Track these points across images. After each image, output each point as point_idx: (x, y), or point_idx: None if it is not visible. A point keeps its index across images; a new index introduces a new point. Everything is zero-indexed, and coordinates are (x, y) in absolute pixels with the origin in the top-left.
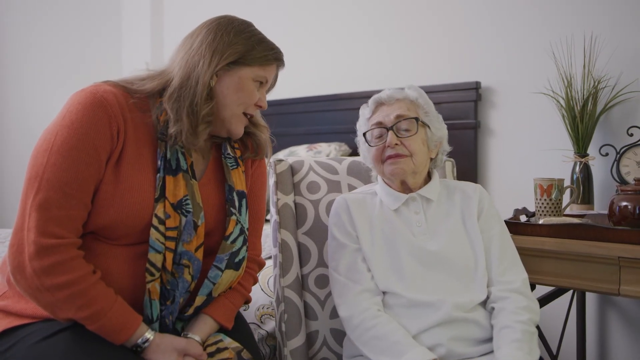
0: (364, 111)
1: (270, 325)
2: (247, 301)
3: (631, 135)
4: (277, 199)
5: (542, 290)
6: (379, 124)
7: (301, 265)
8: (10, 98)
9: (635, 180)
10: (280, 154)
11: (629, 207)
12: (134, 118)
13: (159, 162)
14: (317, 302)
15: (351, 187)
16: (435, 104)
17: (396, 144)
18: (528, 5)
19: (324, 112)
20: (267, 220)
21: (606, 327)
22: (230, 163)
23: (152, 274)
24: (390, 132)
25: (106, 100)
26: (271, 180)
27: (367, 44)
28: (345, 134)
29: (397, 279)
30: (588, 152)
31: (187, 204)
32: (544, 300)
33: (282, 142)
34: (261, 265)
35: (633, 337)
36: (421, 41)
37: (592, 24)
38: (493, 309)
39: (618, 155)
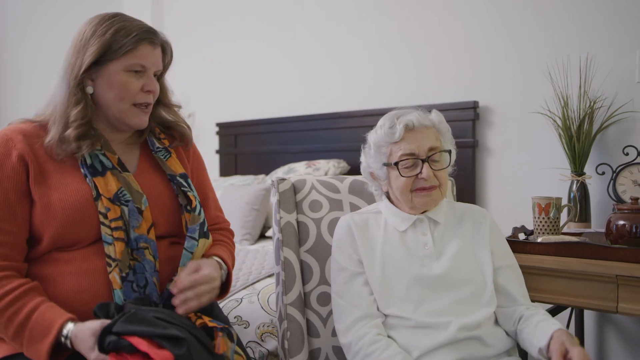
0: (389, 131)
1: (271, 343)
2: (229, 272)
3: (627, 154)
4: (280, 217)
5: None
6: (412, 155)
7: (303, 283)
8: (8, 99)
9: (631, 199)
10: (279, 171)
11: (626, 225)
12: (41, 141)
13: (82, 169)
14: (319, 320)
15: (353, 206)
16: None
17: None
18: (525, 27)
19: (322, 130)
20: (269, 237)
21: (604, 344)
22: (162, 155)
23: (109, 265)
24: (426, 165)
25: (6, 136)
26: (274, 199)
27: (366, 62)
28: (343, 152)
29: (402, 302)
30: (585, 170)
31: (124, 195)
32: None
33: (281, 159)
34: (232, 234)
35: (631, 355)
36: (420, 61)
37: (587, 46)
38: (521, 317)
39: (614, 174)
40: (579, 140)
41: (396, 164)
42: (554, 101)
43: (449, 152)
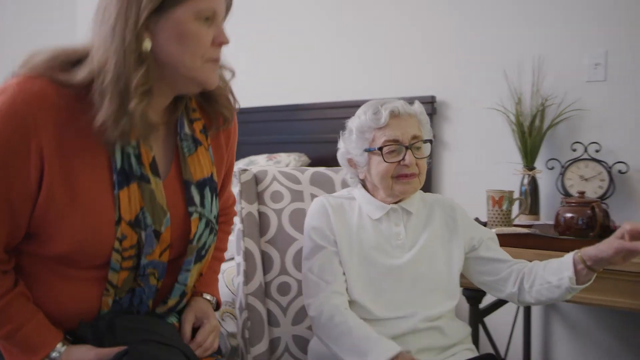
0: (374, 117)
1: (229, 324)
2: (218, 304)
3: (574, 150)
4: (242, 208)
5: (492, 297)
6: (396, 142)
7: (264, 273)
8: None
9: (578, 193)
10: (240, 163)
11: (574, 218)
12: (74, 120)
13: (114, 176)
14: (279, 309)
15: (314, 197)
16: None
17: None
18: (483, 27)
19: (283, 121)
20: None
21: (550, 332)
22: (186, 148)
23: (107, 290)
24: (409, 152)
25: (23, 111)
26: (235, 190)
27: (326, 56)
28: (303, 144)
29: (369, 291)
30: (535, 165)
31: (145, 217)
32: (493, 307)
33: (242, 150)
34: (234, 214)
35: (575, 341)
36: (381, 55)
37: (540, 47)
38: (521, 276)
39: (563, 169)
40: (530, 136)
41: (380, 149)
42: (508, 98)
43: (430, 142)
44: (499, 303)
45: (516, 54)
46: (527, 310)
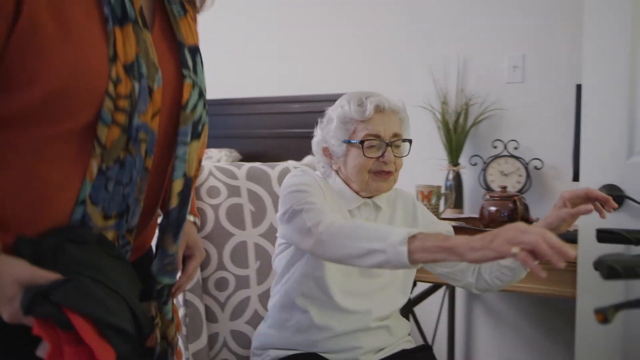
0: (358, 109)
1: None
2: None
3: (495, 147)
4: None
5: (422, 287)
6: (378, 137)
7: (201, 269)
8: None
9: (501, 187)
10: None
11: (497, 211)
12: None
13: (105, 10)
14: (217, 305)
15: (251, 192)
16: (323, 112)
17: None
18: (411, 27)
19: (213, 116)
20: None
21: (472, 318)
22: (176, 10)
23: (94, 149)
24: (389, 149)
25: None
26: None
27: (258, 50)
28: (234, 139)
29: (337, 278)
30: (459, 161)
31: (140, 65)
32: (423, 296)
33: None
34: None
35: (494, 326)
36: (312, 51)
37: (464, 49)
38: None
39: (485, 165)
40: (455, 134)
41: (361, 142)
42: (434, 97)
43: (410, 141)
44: (428, 293)
45: (442, 54)
46: (452, 299)
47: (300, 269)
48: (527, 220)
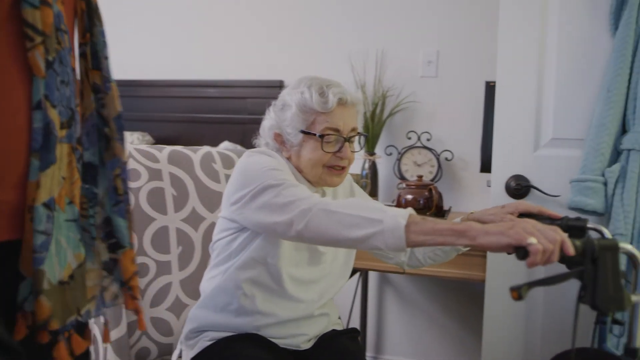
0: (319, 99)
1: None
2: None
3: (409, 138)
4: None
5: None
6: (337, 132)
7: None
8: None
9: (417, 176)
10: None
11: (414, 199)
12: None
13: None
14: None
15: (173, 176)
16: (240, 98)
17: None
18: (331, 16)
19: (124, 97)
20: None
21: (383, 301)
22: None
23: (30, 40)
24: (347, 145)
25: None
26: None
27: (175, 32)
28: (147, 123)
29: (288, 266)
30: (375, 151)
31: None
32: None
33: None
34: None
35: (403, 308)
36: (230, 37)
37: (383, 41)
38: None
39: (399, 155)
40: (372, 124)
41: (321, 136)
42: (353, 87)
43: (366, 136)
44: None
45: (361, 45)
46: (365, 284)
47: (251, 254)
48: (441, 208)
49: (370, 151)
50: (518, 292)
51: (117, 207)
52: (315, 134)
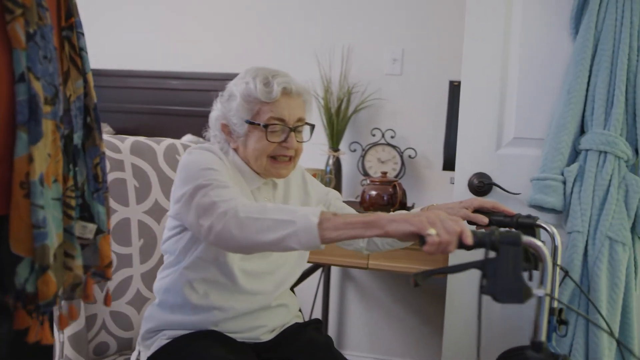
0: (264, 89)
1: None
2: None
3: (374, 135)
4: None
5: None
6: (282, 121)
7: None
8: None
9: (381, 173)
10: None
11: (378, 195)
12: None
13: None
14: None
15: (135, 167)
16: (204, 91)
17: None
18: (299, 11)
19: None
20: None
21: (345, 296)
22: None
23: (9, 12)
24: (292, 135)
25: None
26: None
27: (138, 22)
28: (107, 113)
29: (238, 262)
30: (340, 147)
31: None
32: (302, 277)
33: None
34: None
35: (364, 303)
36: (192, 27)
37: (349, 38)
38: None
39: (363, 152)
40: (337, 120)
41: (265, 126)
42: (319, 83)
43: (313, 126)
44: (306, 274)
45: (327, 41)
46: (327, 280)
47: (199, 254)
48: (405, 204)
49: (335, 147)
50: (415, 279)
51: (96, 194)
52: (259, 124)
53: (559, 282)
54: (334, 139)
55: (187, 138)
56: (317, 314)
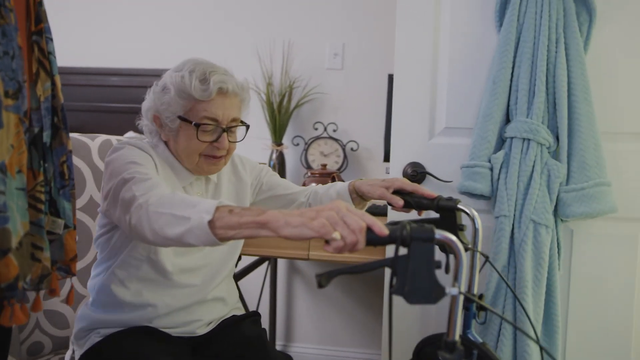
0: (199, 86)
1: None
2: None
3: (316, 129)
4: None
5: (246, 260)
6: (215, 121)
7: None
8: None
9: (321, 165)
10: None
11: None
12: None
13: None
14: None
15: None
16: (145, 87)
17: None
18: (237, 5)
19: None
20: None
21: (292, 288)
22: None
23: None
24: (224, 135)
25: None
26: None
27: (76, 19)
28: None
29: (171, 258)
30: (283, 141)
31: None
32: (247, 270)
33: None
34: None
35: (311, 294)
36: (136, 23)
37: (289, 32)
38: (312, 203)
39: (306, 145)
40: (280, 115)
41: (197, 125)
42: (260, 78)
43: (247, 127)
44: (252, 267)
45: (268, 36)
46: (274, 272)
47: (131, 253)
48: None
49: (278, 142)
50: (319, 281)
51: (62, 191)
52: (191, 122)
53: (480, 268)
54: (277, 133)
55: (129, 135)
56: (264, 307)
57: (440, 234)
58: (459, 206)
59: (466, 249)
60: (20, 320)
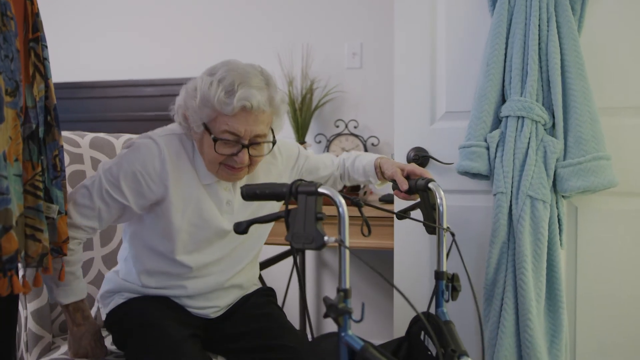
0: (224, 99)
1: None
2: None
3: (337, 126)
4: None
5: (272, 251)
6: (236, 137)
7: None
8: None
9: None
10: None
11: None
12: None
13: None
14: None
15: (94, 159)
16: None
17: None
18: (259, 14)
19: (64, 100)
20: None
21: (321, 281)
22: None
23: None
24: (244, 151)
25: None
26: None
27: (108, 33)
28: (87, 123)
29: (194, 250)
30: (306, 139)
31: None
32: (276, 259)
33: None
34: None
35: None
36: (164, 34)
37: (308, 36)
38: (342, 173)
39: (328, 142)
40: (301, 115)
41: (215, 140)
42: (281, 80)
43: (273, 144)
44: (280, 257)
45: (288, 40)
46: (302, 261)
47: (146, 244)
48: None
49: (301, 140)
50: (236, 229)
51: (55, 181)
52: (210, 134)
53: (449, 246)
54: (300, 132)
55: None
56: (293, 303)
57: (323, 189)
58: (430, 185)
59: (433, 227)
60: (19, 289)
